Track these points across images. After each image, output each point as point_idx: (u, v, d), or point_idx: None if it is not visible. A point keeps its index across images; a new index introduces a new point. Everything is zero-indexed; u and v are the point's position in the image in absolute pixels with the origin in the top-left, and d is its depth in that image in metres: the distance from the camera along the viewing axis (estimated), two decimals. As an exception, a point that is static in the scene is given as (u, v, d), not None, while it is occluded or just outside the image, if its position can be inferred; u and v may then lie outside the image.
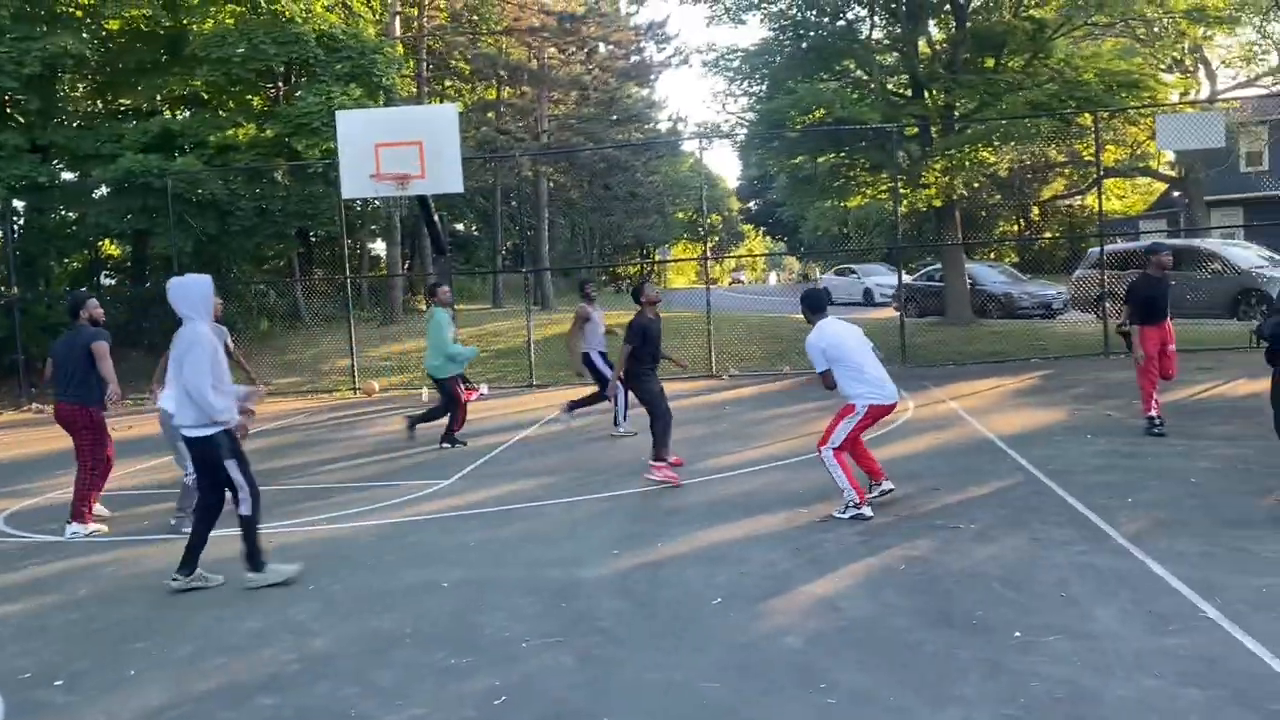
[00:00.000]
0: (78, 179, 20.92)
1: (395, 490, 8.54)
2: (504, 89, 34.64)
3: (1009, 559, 5.47)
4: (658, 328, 8.33)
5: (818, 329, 6.81)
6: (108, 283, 27.50)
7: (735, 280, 68.13)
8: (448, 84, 34.35)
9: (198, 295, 5.74)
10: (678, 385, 13.19)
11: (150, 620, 5.40)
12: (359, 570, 6.09)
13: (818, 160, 20.29)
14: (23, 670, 4.75)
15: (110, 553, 6.96)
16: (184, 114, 23.15)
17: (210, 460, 5.73)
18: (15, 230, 20.09)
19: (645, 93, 43.23)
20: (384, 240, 29.89)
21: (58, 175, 20.42)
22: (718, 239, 64.42)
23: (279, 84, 23.17)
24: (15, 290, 18.82)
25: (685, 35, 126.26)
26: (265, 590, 5.75)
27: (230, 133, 20.18)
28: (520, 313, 20.49)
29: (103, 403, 7.60)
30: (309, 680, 4.41)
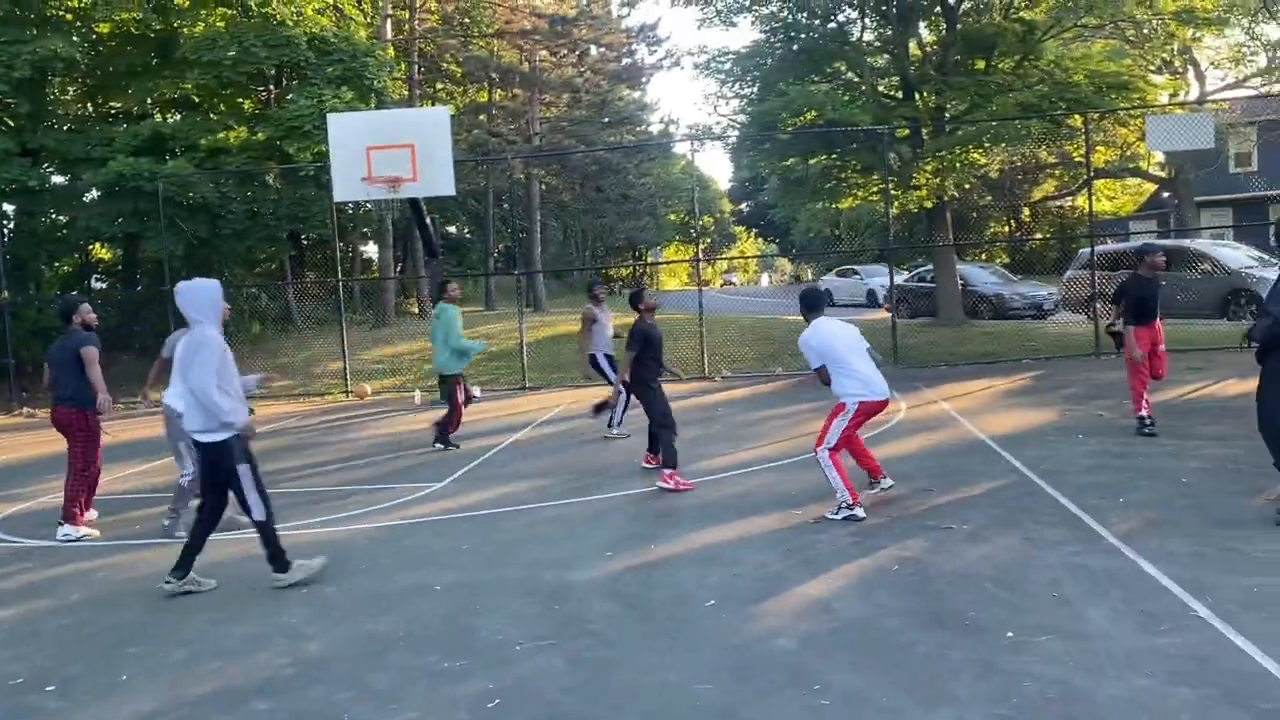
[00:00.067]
0: (68, 182, 20.84)
1: (388, 493, 8.53)
2: (496, 91, 34.64)
3: (1001, 559, 5.50)
4: (659, 333, 8.37)
5: (812, 327, 6.92)
6: (98, 286, 27.40)
7: (727, 282, 68.20)
8: (439, 87, 34.33)
9: (206, 300, 5.73)
10: (670, 388, 13.16)
11: (143, 625, 5.39)
12: (353, 574, 6.08)
13: (809, 162, 20.33)
14: (15, 676, 4.73)
15: (102, 557, 6.95)
16: (175, 117, 23.09)
17: (223, 466, 5.70)
18: (5, 234, 20.00)
19: (637, 95, 43.33)
20: (376, 243, 29.83)
21: (48, 179, 20.34)
22: (710, 241, 64.56)
23: (270, 87, 23.15)
24: (5, 294, 18.74)
25: (677, 38, 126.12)
26: (258, 594, 5.75)
27: (221, 136, 20.13)
28: (512, 315, 20.49)
29: (96, 408, 7.59)
30: (303, 684, 4.40)
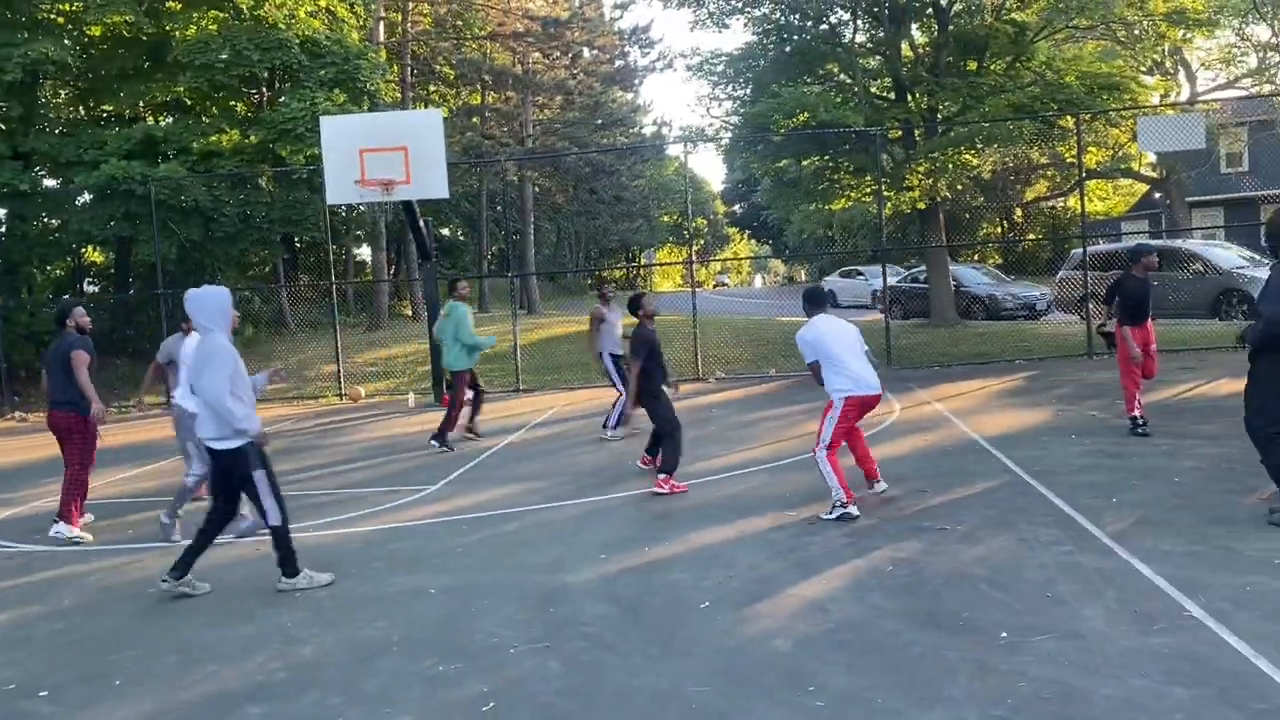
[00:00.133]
0: (60, 186, 20.82)
1: (382, 496, 8.51)
2: (488, 94, 34.63)
3: (996, 560, 5.50)
4: (657, 338, 8.37)
5: (809, 323, 6.98)
6: (91, 290, 27.35)
7: (720, 283, 68.25)
8: (432, 89, 34.31)
9: (215, 307, 5.72)
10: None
11: (136, 629, 5.37)
12: (346, 577, 6.06)
13: (802, 163, 20.35)
14: (7, 681, 4.71)
15: (95, 562, 6.92)
16: (167, 120, 23.07)
17: (237, 473, 5.69)
18: (-3, 237, 20.00)
19: (630, 97, 43.36)
20: (369, 246, 29.83)
21: (40, 182, 20.31)
22: (703, 242, 64.61)
23: (263, 90, 23.13)
24: (-3, 299, 18.73)
25: (669, 40, 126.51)
26: (252, 599, 5.73)
27: (214, 139, 20.10)
28: (506, 317, 20.48)
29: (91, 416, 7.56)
30: (297, 689, 4.39)
